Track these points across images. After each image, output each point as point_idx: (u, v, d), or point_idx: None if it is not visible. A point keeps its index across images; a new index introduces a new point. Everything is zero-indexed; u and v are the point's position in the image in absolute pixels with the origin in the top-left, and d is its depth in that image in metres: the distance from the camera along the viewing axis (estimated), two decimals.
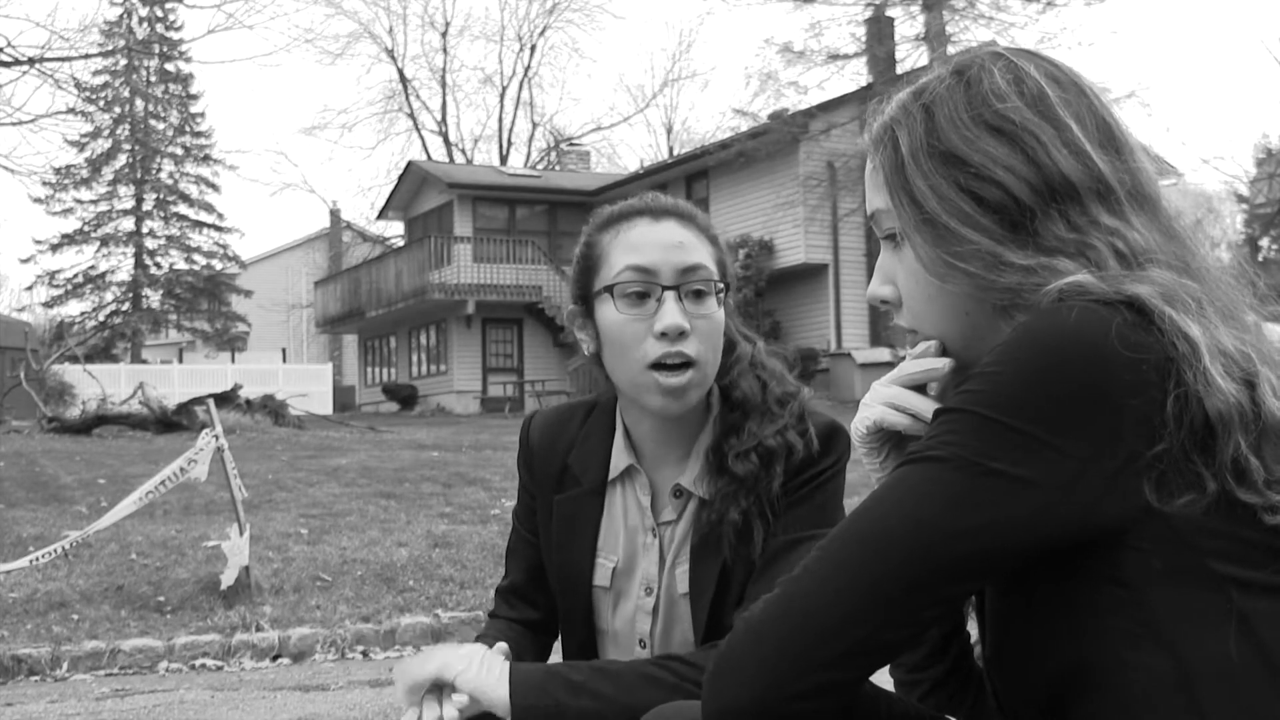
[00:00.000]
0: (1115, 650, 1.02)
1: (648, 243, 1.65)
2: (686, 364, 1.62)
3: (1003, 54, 1.19)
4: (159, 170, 40.14)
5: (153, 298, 39.91)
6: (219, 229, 40.57)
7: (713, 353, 1.66)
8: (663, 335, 1.61)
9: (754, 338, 1.79)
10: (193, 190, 40.34)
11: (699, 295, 1.64)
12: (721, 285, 1.67)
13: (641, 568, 1.71)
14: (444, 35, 42.25)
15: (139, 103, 39.74)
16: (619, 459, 1.74)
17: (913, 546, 1.02)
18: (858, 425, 1.27)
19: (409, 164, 32.30)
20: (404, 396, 29.05)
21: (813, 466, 1.65)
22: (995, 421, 1.01)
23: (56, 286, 39.91)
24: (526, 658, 1.73)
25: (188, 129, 40.38)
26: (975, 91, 1.15)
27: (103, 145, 39.43)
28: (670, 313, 1.61)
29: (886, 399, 1.23)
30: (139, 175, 39.76)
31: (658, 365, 1.62)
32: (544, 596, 1.82)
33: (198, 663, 6.02)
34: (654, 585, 1.70)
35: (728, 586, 1.64)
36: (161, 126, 40.52)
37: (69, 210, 39.58)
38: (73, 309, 40.32)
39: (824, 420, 1.68)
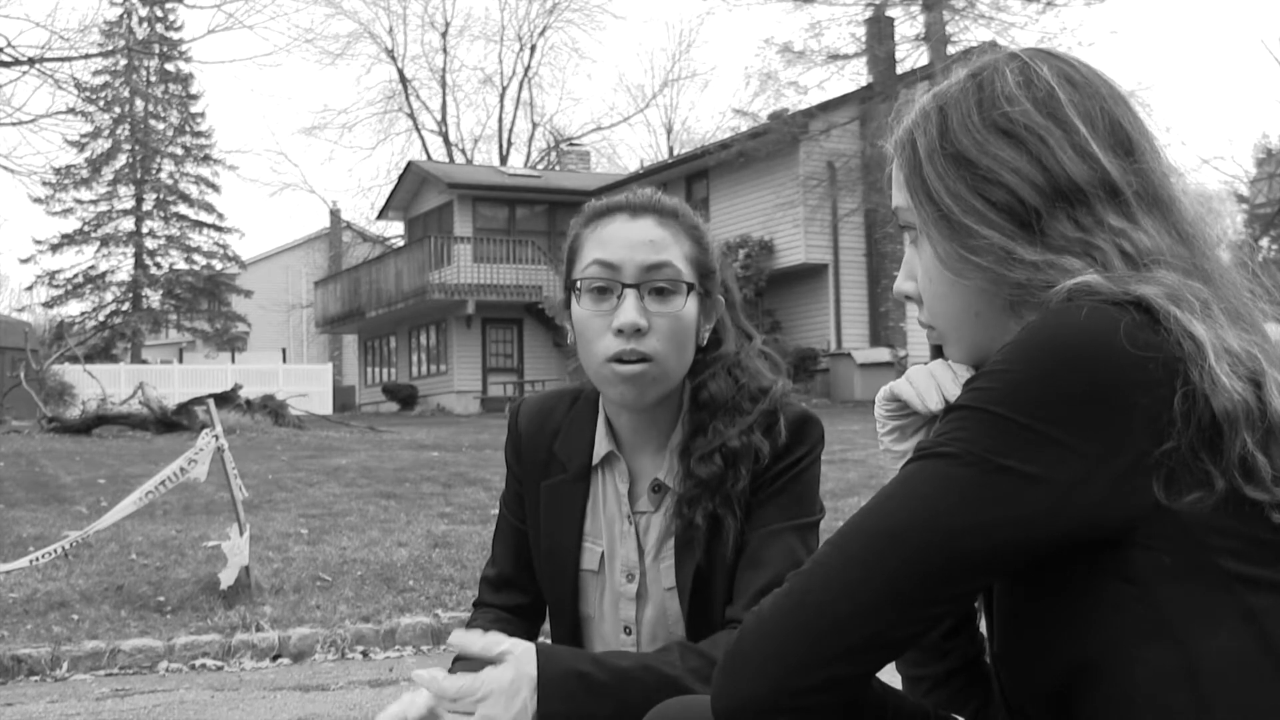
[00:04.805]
0: (1123, 647, 1.02)
1: (617, 239, 1.67)
2: (642, 359, 1.64)
3: (1019, 55, 1.20)
4: (159, 170, 40.13)
5: (153, 298, 39.90)
6: (219, 229, 40.57)
7: (675, 350, 1.66)
8: (619, 332, 1.63)
9: (752, 332, 1.80)
10: (193, 190, 40.36)
11: (661, 293, 1.65)
12: (690, 284, 1.68)
13: (621, 554, 1.73)
14: (444, 35, 42.33)
15: (139, 103, 39.74)
16: (600, 445, 1.76)
17: (923, 542, 1.02)
18: (881, 389, 1.35)
19: (409, 164, 32.31)
20: (404, 396, 29.05)
21: (785, 458, 1.67)
22: (1006, 419, 1.01)
23: (56, 286, 39.90)
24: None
25: (188, 129, 40.37)
26: (986, 94, 1.17)
27: (103, 145, 39.41)
28: (627, 310, 1.63)
29: (917, 373, 1.29)
30: (139, 175, 39.74)
31: (616, 359, 1.64)
32: (532, 582, 1.83)
33: (198, 663, 6.01)
34: (634, 572, 1.72)
35: (706, 583, 1.66)
36: (161, 126, 40.51)
37: (69, 210, 39.57)
38: (73, 309, 40.37)
39: (796, 411, 1.70)
